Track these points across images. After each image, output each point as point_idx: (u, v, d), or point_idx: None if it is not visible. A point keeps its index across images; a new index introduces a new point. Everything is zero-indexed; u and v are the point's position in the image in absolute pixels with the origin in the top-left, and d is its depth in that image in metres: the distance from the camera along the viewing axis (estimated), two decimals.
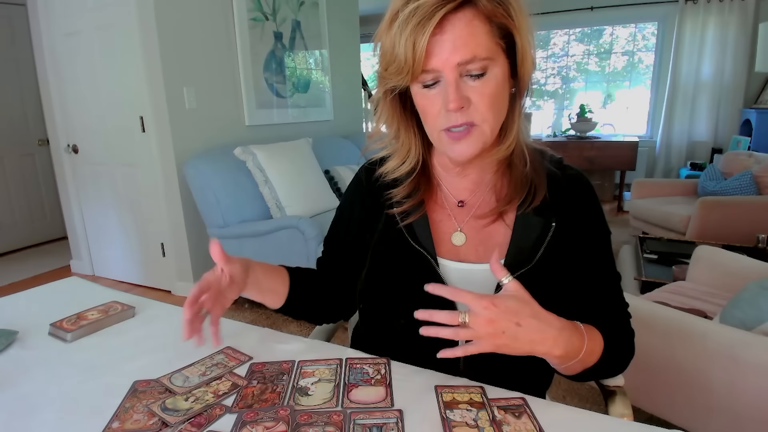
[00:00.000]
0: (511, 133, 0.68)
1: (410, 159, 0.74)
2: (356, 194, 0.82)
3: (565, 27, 5.21)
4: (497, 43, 0.61)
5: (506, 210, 0.73)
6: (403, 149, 0.74)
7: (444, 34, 0.58)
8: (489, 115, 0.62)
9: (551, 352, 0.60)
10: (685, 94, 4.71)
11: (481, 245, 0.73)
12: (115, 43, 2.67)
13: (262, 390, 0.65)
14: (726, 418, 1.19)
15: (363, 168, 0.83)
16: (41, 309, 0.94)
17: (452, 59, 0.59)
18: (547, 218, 0.71)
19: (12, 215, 3.92)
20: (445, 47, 0.59)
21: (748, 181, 3.03)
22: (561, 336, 0.60)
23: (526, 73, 0.64)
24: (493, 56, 0.60)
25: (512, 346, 0.58)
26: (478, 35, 0.59)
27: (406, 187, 0.74)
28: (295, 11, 3.38)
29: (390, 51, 0.61)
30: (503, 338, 0.57)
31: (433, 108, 0.64)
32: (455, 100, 0.60)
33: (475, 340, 0.57)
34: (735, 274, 1.81)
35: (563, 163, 0.77)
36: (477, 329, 0.56)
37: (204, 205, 2.55)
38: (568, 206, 0.72)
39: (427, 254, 0.71)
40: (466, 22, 0.58)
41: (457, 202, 0.76)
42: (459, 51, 0.59)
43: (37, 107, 3.39)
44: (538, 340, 0.59)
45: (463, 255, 0.73)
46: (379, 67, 0.65)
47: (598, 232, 0.74)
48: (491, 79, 0.61)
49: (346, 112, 4.05)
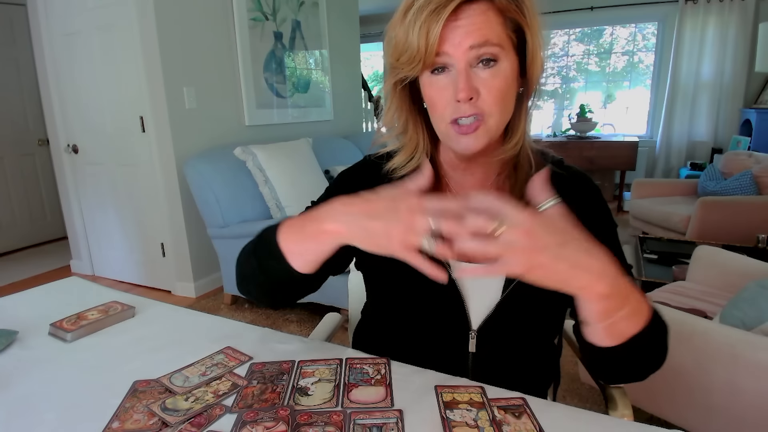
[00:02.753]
0: (517, 133, 0.67)
1: (417, 155, 0.73)
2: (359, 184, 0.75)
3: (565, 27, 5.21)
4: (509, 35, 0.61)
5: None
6: (410, 144, 0.73)
7: (458, 20, 0.59)
8: (496, 109, 0.62)
9: (594, 288, 0.51)
10: (685, 94, 4.71)
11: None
12: (115, 43, 2.67)
13: (262, 390, 0.65)
14: (726, 418, 1.19)
15: (369, 161, 0.80)
16: (41, 309, 0.94)
17: (464, 43, 0.59)
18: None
19: (12, 215, 3.92)
20: (458, 32, 0.59)
21: (748, 181, 3.03)
22: (608, 269, 0.52)
23: (534, 73, 0.64)
24: (504, 46, 0.61)
25: (550, 267, 0.49)
26: (491, 24, 0.60)
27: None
28: (295, 11, 3.38)
29: (403, 40, 0.61)
30: (541, 256, 0.49)
31: (441, 98, 0.63)
32: (465, 89, 0.60)
33: (506, 256, 0.49)
34: (735, 274, 1.81)
35: (564, 163, 0.77)
36: (513, 241, 0.48)
37: (204, 205, 2.55)
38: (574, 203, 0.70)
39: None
40: (480, 12, 0.59)
41: None
42: (472, 35, 0.59)
43: (37, 107, 3.39)
44: (583, 265, 0.50)
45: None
46: (390, 59, 0.65)
47: (606, 227, 0.74)
48: (501, 72, 0.61)
49: (346, 112, 4.05)
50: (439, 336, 0.74)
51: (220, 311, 2.64)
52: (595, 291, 0.52)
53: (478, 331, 0.71)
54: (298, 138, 3.03)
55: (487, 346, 0.72)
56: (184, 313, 0.94)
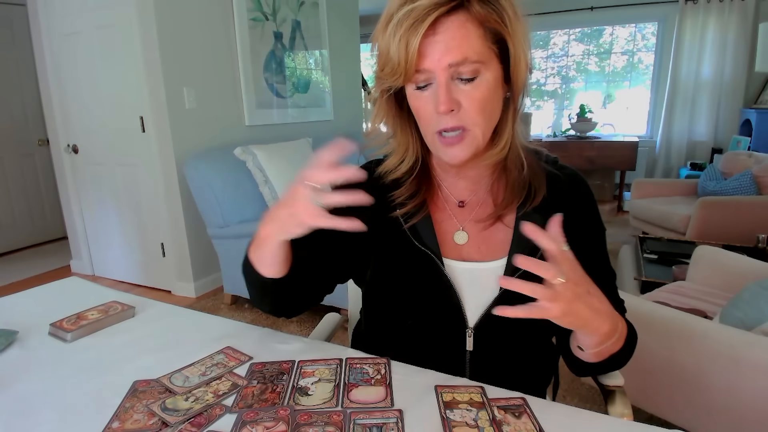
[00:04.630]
0: (504, 137, 0.68)
1: (408, 157, 0.74)
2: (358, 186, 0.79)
3: (565, 27, 5.21)
4: (489, 47, 0.61)
5: (504, 213, 0.73)
6: (400, 149, 0.74)
7: (436, 35, 0.59)
8: (479, 119, 0.63)
9: (602, 328, 0.60)
10: (685, 94, 4.71)
11: (484, 244, 0.74)
12: (115, 43, 2.67)
13: (262, 390, 0.65)
14: (726, 418, 1.19)
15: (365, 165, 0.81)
16: (41, 309, 0.94)
17: (444, 60, 0.59)
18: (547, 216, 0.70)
19: (12, 215, 3.92)
20: (437, 48, 0.59)
21: (748, 181, 3.03)
22: (610, 309, 0.61)
23: (519, 78, 0.64)
24: (485, 60, 0.61)
25: (579, 314, 0.55)
26: (470, 38, 0.59)
27: (408, 187, 0.74)
28: (295, 11, 3.38)
29: (385, 52, 0.62)
30: (578, 303, 0.55)
31: (425, 110, 0.64)
32: (445, 102, 0.60)
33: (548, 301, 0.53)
34: (735, 274, 1.81)
35: (558, 163, 0.77)
36: (563, 289, 0.53)
37: (204, 205, 2.55)
38: (567, 205, 0.72)
39: (432, 254, 0.71)
40: (459, 25, 0.59)
41: (457, 202, 0.76)
42: (450, 52, 0.59)
43: (37, 107, 3.39)
44: (598, 310, 0.58)
45: (466, 254, 0.74)
46: (376, 68, 0.65)
47: (595, 230, 0.75)
48: (482, 84, 0.61)
49: (346, 112, 4.05)
50: (436, 335, 0.74)
51: (220, 311, 2.64)
52: (602, 330, 0.60)
53: (475, 329, 0.72)
54: (298, 138, 3.04)
55: (484, 343, 0.72)
56: (184, 313, 0.94)
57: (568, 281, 0.53)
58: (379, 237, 0.75)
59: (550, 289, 0.53)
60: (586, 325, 0.58)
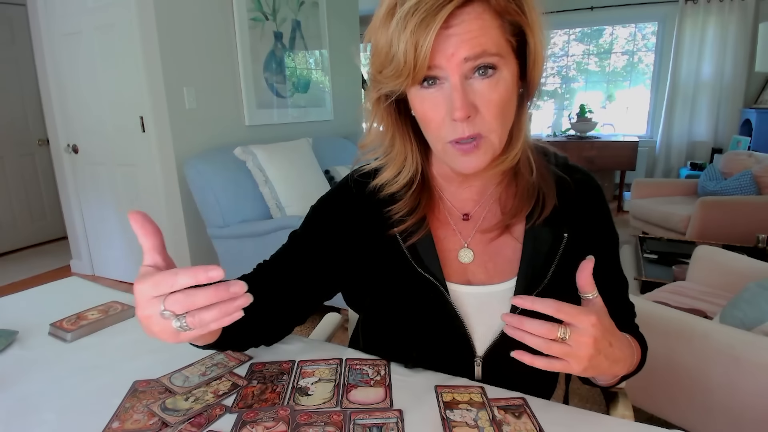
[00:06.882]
0: (518, 141, 0.62)
1: (407, 170, 0.66)
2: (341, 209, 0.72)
3: (565, 27, 5.21)
4: (508, 40, 0.54)
5: (513, 222, 0.67)
6: (398, 159, 0.66)
7: (450, 28, 0.51)
8: (497, 124, 0.56)
9: (618, 373, 0.59)
10: (685, 94, 4.71)
11: (491, 262, 0.68)
12: (115, 43, 2.67)
13: (262, 390, 0.65)
14: (726, 418, 1.19)
15: (353, 179, 0.73)
16: (41, 309, 0.94)
17: (458, 54, 0.52)
18: (558, 229, 0.66)
19: (12, 215, 3.92)
20: (451, 42, 0.51)
21: (748, 181, 3.03)
22: (630, 353, 0.60)
23: (536, 75, 0.58)
24: (504, 54, 0.54)
25: (599, 366, 0.53)
26: (488, 30, 0.52)
27: (406, 201, 0.66)
28: (295, 11, 3.38)
29: (386, 51, 0.53)
30: (598, 359, 0.52)
31: (435, 115, 0.56)
32: (461, 108, 0.53)
33: (567, 357, 0.51)
34: (735, 274, 1.81)
35: (569, 163, 0.72)
36: (577, 348, 0.50)
37: (204, 205, 2.55)
38: (579, 214, 0.68)
39: (436, 281, 0.65)
40: (475, 16, 0.52)
41: (461, 215, 0.70)
42: (466, 45, 0.52)
43: (37, 107, 3.39)
44: (621, 359, 0.56)
45: (471, 275, 0.68)
46: (372, 69, 0.57)
47: (608, 239, 0.71)
48: (500, 83, 0.54)
49: (346, 112, 4.05)
50: (442, 365, 0.69)
51: None
52: (618, 374, 0.61)
53: (484, 358, 0.68)
54: (298, 138, 3.03)
55: (493, 371, 0.68)
56: None
57: (584, 337, 0.50)
58: (376, 259, 0.69)
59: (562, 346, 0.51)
60: (603, 372, 0.56)
